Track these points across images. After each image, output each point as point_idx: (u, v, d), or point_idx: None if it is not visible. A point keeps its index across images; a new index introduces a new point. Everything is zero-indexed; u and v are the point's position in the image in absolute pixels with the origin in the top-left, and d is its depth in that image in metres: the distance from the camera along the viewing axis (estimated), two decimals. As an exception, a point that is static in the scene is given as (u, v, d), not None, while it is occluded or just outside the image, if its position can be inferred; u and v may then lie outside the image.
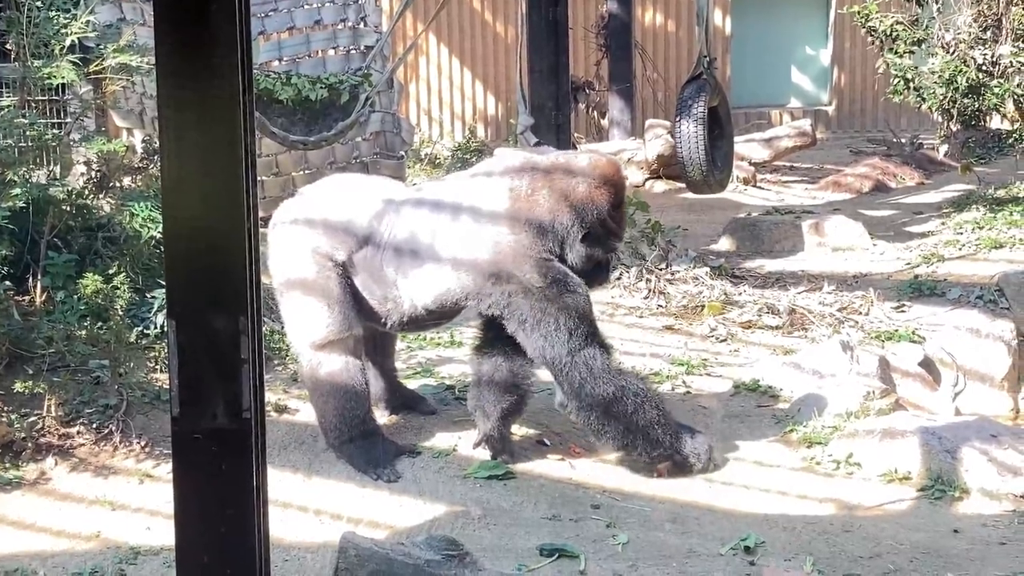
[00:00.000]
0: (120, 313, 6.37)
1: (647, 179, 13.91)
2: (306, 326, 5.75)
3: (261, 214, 6.44)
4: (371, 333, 6.05)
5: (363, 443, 5.73)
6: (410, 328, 6.04)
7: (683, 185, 11.40)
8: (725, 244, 10.60)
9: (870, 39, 11.21)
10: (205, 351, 2.96)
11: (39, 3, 6.92)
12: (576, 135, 14.65)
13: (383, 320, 5.83)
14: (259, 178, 10.05)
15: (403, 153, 11.49)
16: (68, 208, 6.92)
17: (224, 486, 3.00)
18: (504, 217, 5.51)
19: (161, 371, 6.28)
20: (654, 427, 5.54)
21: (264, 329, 5.61)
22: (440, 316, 5.81)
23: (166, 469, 5.52)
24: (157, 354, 6.44)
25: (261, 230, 3.34)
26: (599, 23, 16.63)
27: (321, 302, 5.71)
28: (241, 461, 3.00)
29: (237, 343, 2.96)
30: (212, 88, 2.89)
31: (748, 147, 14.53)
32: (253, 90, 2.98)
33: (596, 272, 5.67)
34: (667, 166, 13.43)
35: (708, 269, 9.09)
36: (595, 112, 16.60)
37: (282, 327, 6.31)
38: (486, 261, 5.49)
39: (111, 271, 6.60)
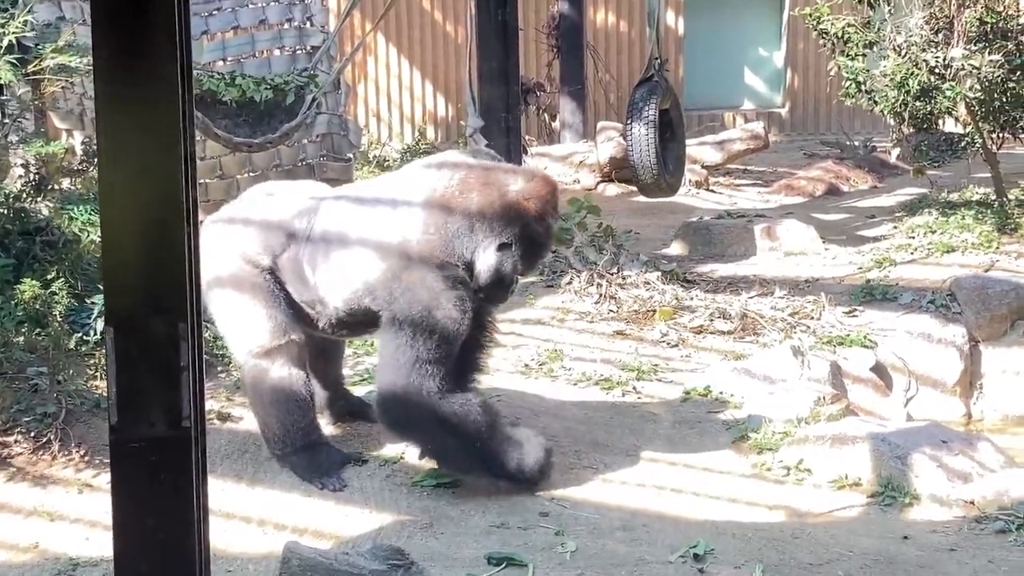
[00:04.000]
0: (59, 319, 6.32)
1: (599, 182, 13.95)
2: (242, 335, 5.71)
3: (203, 217, 6.44)
4: (316, 338, 6.03)
5: (308, 452, 5.71)
6: (345, 332, 5.95)
7: (635, 188, 11.46)
8: (677, 248, 10.65)
9: (822, 42, 11.30)
10: (144, 358, 2.95)
11: (-25, 1, 6.86)
12: (527, 137, 14.69)
13: (315, 323, 5.79)
14: (203, 181, 10.04)
15: (351, 155, 11.45)
16: (5, 211, 6.86)
17: (163, 496, 3.00)
18: (423, 212, 5.43)
19: (101, 378, 6.25)
20: (473, 447, 5.45)
21: (206, 335, 5.60)
22: (366, 322, 5.70)
23: (106, 479, 5.48)
24: (97, 361, 6.40)
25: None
26: (550, 24, 16.68)
27: (253, 309, 5.66)
28: (181, 470, 3.00)
29: (177, 349, 2.95)
30: (151, 89, 2.88)
31: (700, 150, 14.60)
32: (193, 91, 2.98)
33: (499, 288, 5.54)
34: (619, 169, 13.48)
35: (660, 273, 9.14)
36: (546, 114, 16.63)
37: (225, 333, 6.28)
38: (393, 257, 5.42)
39: (50, 276, 6.54)
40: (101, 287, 6.24)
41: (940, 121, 12.69)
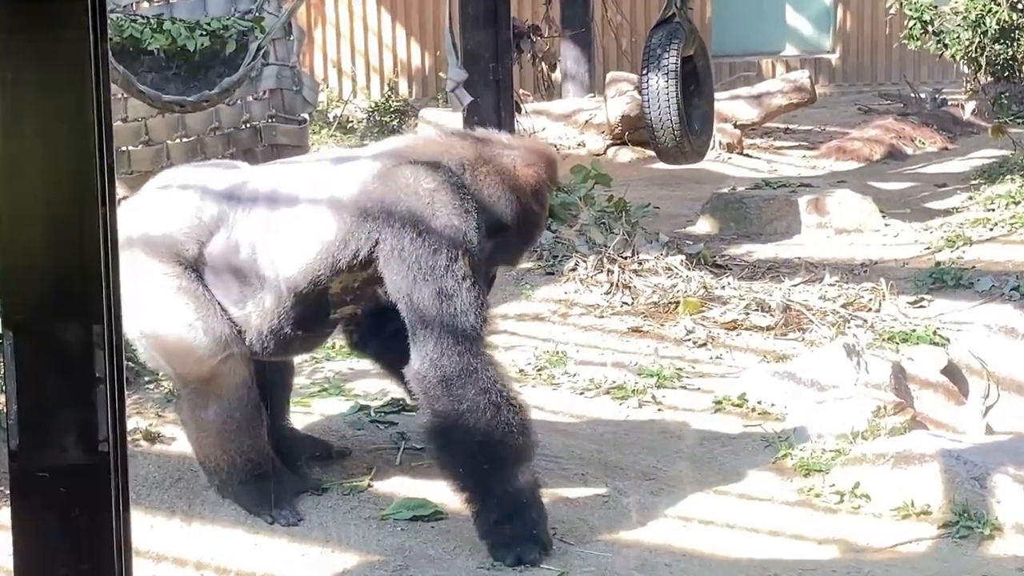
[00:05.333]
0: (-52, 320, 6.31)
1: (609, 146, 13.96)
2: (172, 352, 5.63)
3: (125, 194, 6.41)
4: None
5: (256, 481, 5.69)
6: (282, 345, 5.68)
7: (653, 153, 11.45)
8: (705, 226, 10.65)
9: (880, -28, 11.31)
10: (51, 369, 2.95)
11: None
12: (521, 92, 14.69)
13: (243, 332, 5.59)
14: (124, 148, 10.03)
15: (306, 116, 11.46)
16: None
17: (77, 535, 2.99)
18: (406, 154, 5.47)
19: (0, 392, 6.23)
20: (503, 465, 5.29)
21: (127, 339, 5.56)
22: (319, 309, 5.55)
23: (7, 515, 5.47)
24: (-4, 371, 6.39)
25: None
26: (548, -47, 16.67)
27: (182, 319, 5.53)
28: (98, 504, 2.99)
29: (91, 358, 2.94)
30: (55, 37, 2.87)
31: (733, 105, 14.61)
32: (107, 39, 2.97)
33: (486, 284, 5.57)
34: (633, 130, 13.48)
35: (684, 257, 9.14)
36: (544, 64, 16.62)
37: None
38: (369, 188, 5.36)
39: (-63, 267, 6.53)
40: None
41: (1024, 68, 12.70)
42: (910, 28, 10.90)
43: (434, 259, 5.23)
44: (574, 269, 8.88)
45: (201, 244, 5.56)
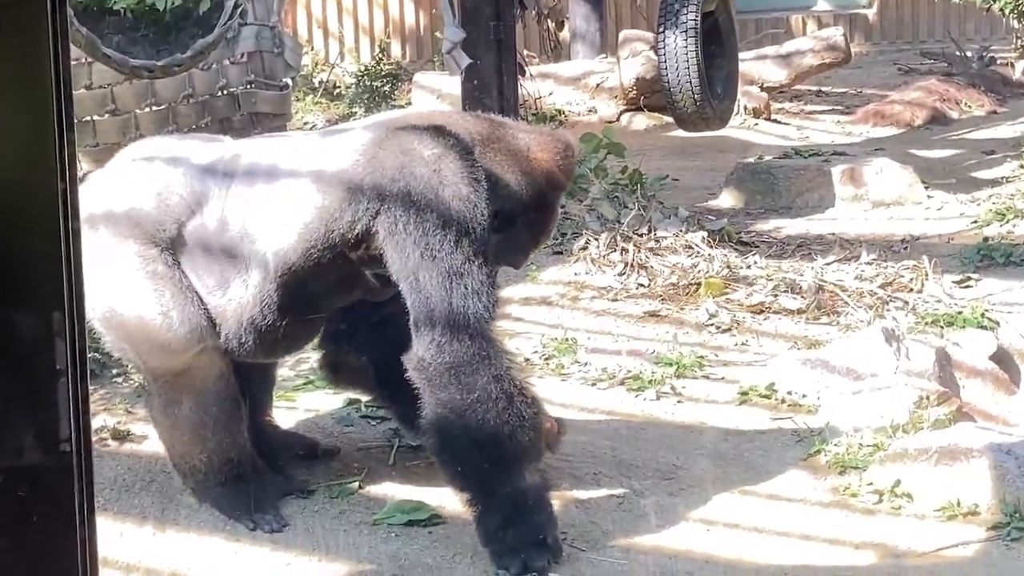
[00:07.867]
0: None
1: (622, 112, 13.95)
2: (144, 342, 5.62)
3: (90, 168, 6.41)
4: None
5: (236, 483, 5.69)
6: (262, 339, 5.61)
7: (671, 120, 11.45)
8: (728, 199, 10.65)
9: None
10: (6, 361, 2.95)
11: None
12: (526, 53, 14.68)
13: (221, 327, 5.56)
14: (87, 118, 10.03)
15: (288, 81, 11.45)
16: None
17: (36, 544, 3.00)
18: (408, 120, 5.50)
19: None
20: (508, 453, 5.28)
21: (92, 327, 5.56)
22: (307, 293, 5.51)
23: (-38, 521, 5.49)
24: (-53, 364, 6.39)
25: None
26: (554, -101, 16.66)
27: (157, 307, 5.50)
28: (59, 509, 2.99)
29: (51, 348, 2.94)
30: (9, -3, 2.87)
31: (759, 66, 14.61)
32: (67, -1, 2.96)
33: None
34: (649, 94, 13.48)
35: (705, 234, 9.13)
36: (550, 21, 16.61)
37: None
38: (369, 153, 5.34)
39: None
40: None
41: (1081, 22, 12.67)
42: (954, -21, 10.89)
43: (442, 233, 5.18)
44: (584, 248, 8.87)
45: (180, 224, 5.52)
